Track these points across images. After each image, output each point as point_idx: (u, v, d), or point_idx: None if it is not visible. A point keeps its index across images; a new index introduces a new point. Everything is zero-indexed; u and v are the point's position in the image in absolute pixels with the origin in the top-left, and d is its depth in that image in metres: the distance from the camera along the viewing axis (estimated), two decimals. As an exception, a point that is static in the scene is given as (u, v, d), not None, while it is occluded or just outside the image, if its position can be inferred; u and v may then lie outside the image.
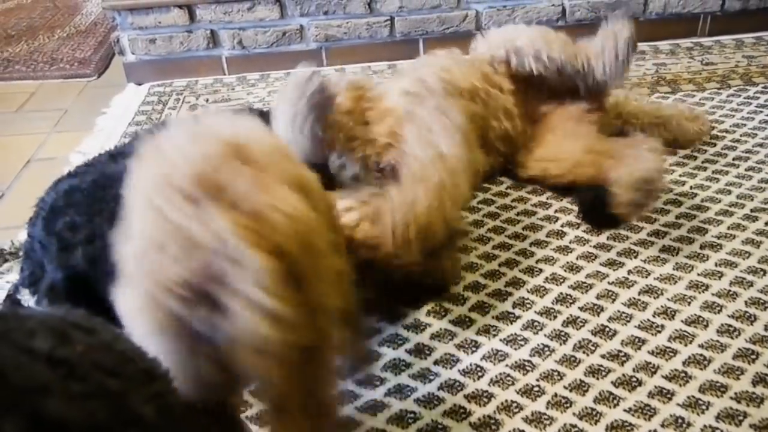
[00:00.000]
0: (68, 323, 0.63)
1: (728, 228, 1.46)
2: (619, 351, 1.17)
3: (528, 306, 1.28)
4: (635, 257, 1.39)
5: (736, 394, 1.07)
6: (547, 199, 1.60)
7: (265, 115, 1.50)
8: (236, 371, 0.69)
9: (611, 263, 1.38)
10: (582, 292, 1.30)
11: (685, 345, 1.17)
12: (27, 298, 1.19)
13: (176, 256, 0.65)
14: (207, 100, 2.25)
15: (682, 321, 1.22)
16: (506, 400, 1.09)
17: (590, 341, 1.19)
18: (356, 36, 2.41)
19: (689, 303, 1.26)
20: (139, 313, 0.69)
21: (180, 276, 0.65)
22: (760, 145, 1.76)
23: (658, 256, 1.39)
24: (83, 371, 0.57)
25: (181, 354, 0.71)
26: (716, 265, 1.35)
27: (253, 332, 0.64)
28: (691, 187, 1.60)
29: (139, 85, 2.43)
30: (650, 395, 1.08)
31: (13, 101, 2.43)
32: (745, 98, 2.02)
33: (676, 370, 1.12)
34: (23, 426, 0.48)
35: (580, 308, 1.27)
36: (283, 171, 0.73)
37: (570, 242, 1.45)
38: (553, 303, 1.28)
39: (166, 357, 0.69)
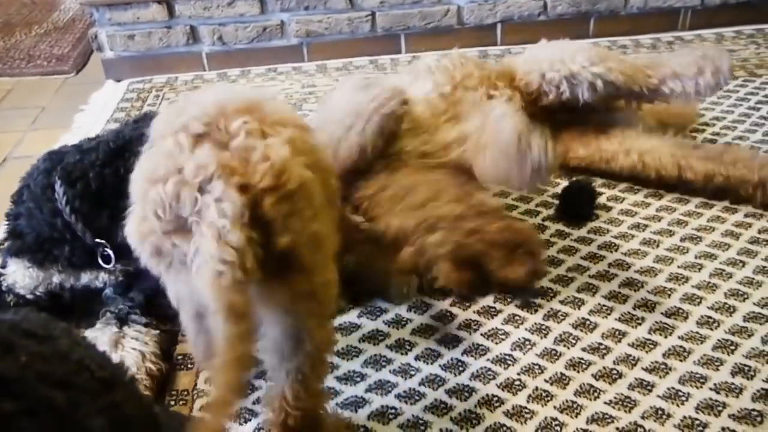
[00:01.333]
0: (20, 331, 0.60)
1: (708, 221, 1.46)
2: (600, 344, 1.17)
3: (509, 300, 1.28)
4: (616, 250, 1.39)
5: (715, 385, 1.08)
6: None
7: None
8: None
9: (592, 257, 1.38)
10: (563, 286, 1.30)
11: (665, 337, 1.17)
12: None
13: (166, 185, 0.73)
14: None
15: (661, 313, 1.23)
16: (487, 395, 1.09)
17: (571, 334, 1.19)
18: (337, 31, 2.40)
19: (669, 295, 1.27)
20: (139, 238, 0.77)
21: (165, 202, 0.72)
22: (740, 137, 1.77)
23: (639, 249, 1.39)
24: (23, 386, 0.54)
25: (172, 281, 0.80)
26: (696, 257, 1.36)
27: (211, 258, 0.69)
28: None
29: (118, 81, 2.40)
30: (630, 387, 1.08)
31: (-11, 99, 2.39)
32: (725, 91, 2.02)
33: (656, 361, 1.12)
34: None
35: (561, 302, 1.27)
36: (289, 132, 0.80)
37: (551, 236, 1.45)
38: (536, 296, 1.28)
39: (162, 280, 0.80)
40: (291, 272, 0.78)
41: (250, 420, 1.08)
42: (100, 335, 1.16)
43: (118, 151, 1.16)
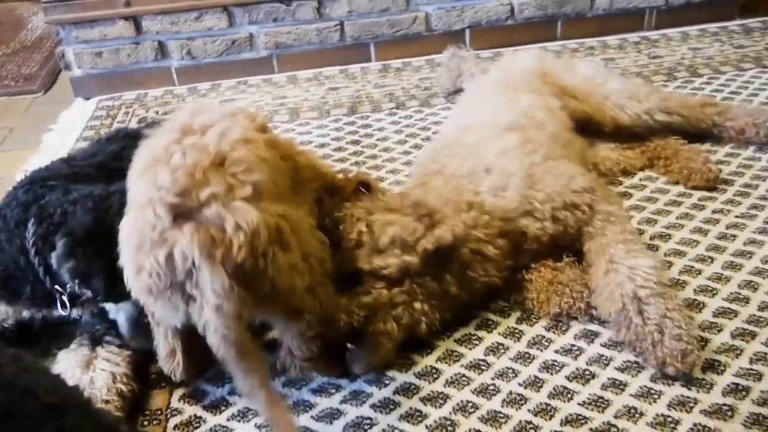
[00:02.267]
0: None
1: (677, 218, 1.48)
2: (572, 345, 1.18)
3: (484, 306, 1.28)
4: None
5: (687, 380, 1.09)
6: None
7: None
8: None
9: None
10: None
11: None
12: None
13: (157, 257, 0.87)
14: (157, 113, 2.22)
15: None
16: (462, 401, 1.09)
17: (544, 337, 1.20)
18: (306, 42, 2.40)
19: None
20: (138, 290, 0.92)
21: (159, 271, 0.87)
22: (706, 134, 1.79)
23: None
24: None
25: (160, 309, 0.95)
26: (666, 255, 1.37)
27: (208, 320, 0.87)
28: (640, 179, 1.62)
29: (87, 99, 2.38)
30: (603, 387, 1.09)
31: (-44, 121, 2.36)
32: (691, 89, 2.05)
33: (628, 361, 1.13)
34: None
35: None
36: (255, 176, 0.94)
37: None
38: (505, 302, 1.28)
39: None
40: (278, 293, 0.94)
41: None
42: (72, 356, 1.14)
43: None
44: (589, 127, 1.63)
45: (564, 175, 1.28)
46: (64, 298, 1.09)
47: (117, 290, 1.03)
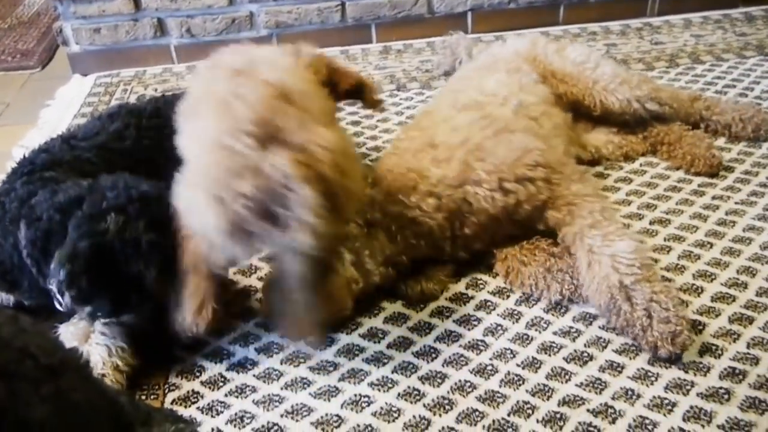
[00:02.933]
0: None
1: (677, 203, 1.48)
2: (571, 327, 1.18)
3: (481, 286, 1.28)
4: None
5: (684, 364, 1.09)
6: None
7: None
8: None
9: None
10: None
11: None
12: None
13: (246, 179, 0.89)
14: (156, 90, 2.20)
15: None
16: (460, 380, 1.09)
17: (542, 318, 1.20)
18: (307, 21, 2.38)
19: (639, 277, 1.28)
20: (204, 210, 0.92)
21: (249, 192, 0.89)
22: (707, 121, 1.79)
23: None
24: None
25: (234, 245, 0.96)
26: (665, 239, 1.37)
27: (300, 242, 0.92)
28: (641, 164, 1.62)
29: (85, 76, 2.36)
30: (601, 369, 1.09)
31: (-48, 96, 2.34)
32: (693, 76, 2.05)
33: (626, 344, 1.14)
34: None
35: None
36: (318, 109, 0.98)
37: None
38: (505, 282, 1.28)
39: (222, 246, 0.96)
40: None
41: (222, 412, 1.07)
42: (72, 329, 1.14)
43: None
44: (579, 112, 1.63)
45: (518, 149, 1.27)
46: (60, 297, 1.05)
47: (120, 310, 1.07)
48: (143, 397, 1.10)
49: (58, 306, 1.08)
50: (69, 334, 1.13)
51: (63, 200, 1.08)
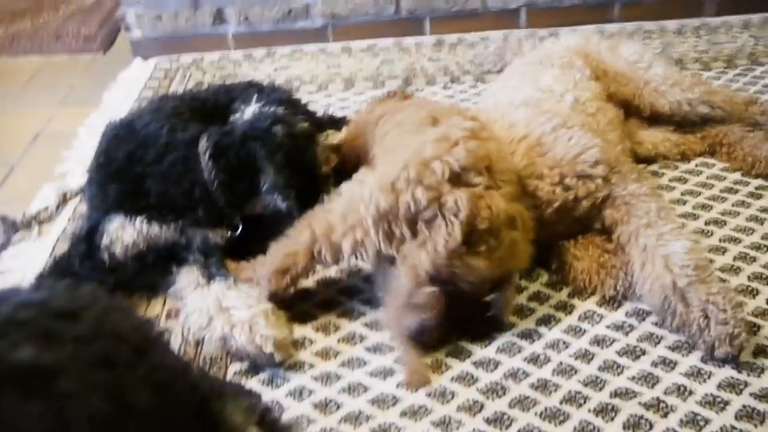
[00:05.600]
0: (52, 313, 0.60)
1: (733, 205, 1.47)
2: (624, 322, 1.19)
3: (534, 278, 1.30)
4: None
5: (738, 364, 1.09)
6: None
7: (262, 91, 1.52)
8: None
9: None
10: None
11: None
12: None
13: (425, 189, 1.09)
14: (213, 77, 2.26)
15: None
16: (513, 367, 1.11)
17: (595, 312, 1.21)
18: (362, 13, 2.41)
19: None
20: (376, 190, 1.11)
21: (418, 198, 1.08)
22: (765, 123, 1.77)
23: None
24: (74, 375, 0.55)
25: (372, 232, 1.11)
26: (720, 240, 1.37)
27: (421, 260, 1.07)
28: (696, 165, 1.61)
29: (146, 60, 2.43)
30: (653, 364, 1.10)
31: (19, 77, 2.43)
32: (751, 78, 2.02)
33: (679, 341, 1.14)
34: None
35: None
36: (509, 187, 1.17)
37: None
38: (557, 277, 1.30)
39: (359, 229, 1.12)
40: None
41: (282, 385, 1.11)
42: (199, 302, 1.21)
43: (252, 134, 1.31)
44: (628, 111, 1.62)
45: (578, 145, 1.28)
46: (282, 204, 1.30)
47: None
48: (206, 370, 1.15)
49: (230, 230, 1.31)
50: (198, 305, 1.20)
51: (239, 133, 1.30)
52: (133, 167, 1.28)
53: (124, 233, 1.26)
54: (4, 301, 0.58)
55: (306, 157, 1.33)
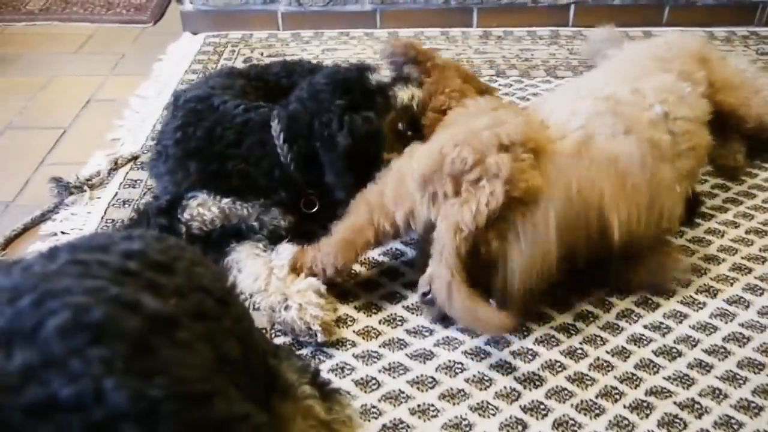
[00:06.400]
0: (150, 263, 0.62)
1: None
2: (661, 323, 1.21)
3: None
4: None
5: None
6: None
7: (314, 70, 1.55)
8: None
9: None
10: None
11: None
12: None
13: (470, 151, 1.13)
14: (261, 54, 2.29)
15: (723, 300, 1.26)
16: (550, 359, 1.14)
17: (633, 311, 1.24)
18: (412, 0, 2.42)
19: (732, 284, 1.30)
20: (424, 154, 1.18)
21: (463, 156, 1.13)
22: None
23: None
24: (186, 324, 0.58)
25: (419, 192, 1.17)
26: (760, 250, 1.38)
27: (463, 217, 1.11)
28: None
29: (195, 34, 2.47)
30: (689, 366, 1.13)
31: (72, 42, 2.48)
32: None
33: (715, 345, 1.16)
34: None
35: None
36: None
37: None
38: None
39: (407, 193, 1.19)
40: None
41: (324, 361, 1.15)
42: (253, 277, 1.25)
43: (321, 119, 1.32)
44: (729, 122, 1.56)
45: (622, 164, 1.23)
46: (314, 197, 1.36)
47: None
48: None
49: (305, 208, 1.36)
50: (257, 270, 1.24)
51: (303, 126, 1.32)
52: (213, 146, 1.31)
53: (205, 210, 1.29)
54: (107, 249, 0.61)
55: (369, 153, 1.32)
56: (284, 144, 1.31)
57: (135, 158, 1.72)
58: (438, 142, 1.18)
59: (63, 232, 1.49)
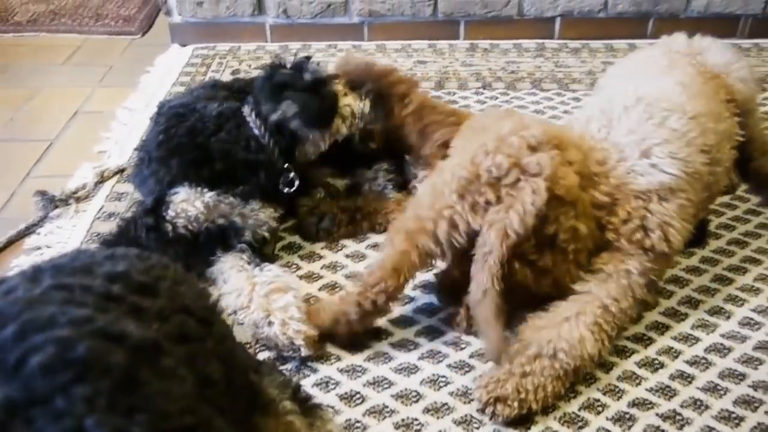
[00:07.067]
0: (134, 285, 0.62)
1: (755, 226, 1.50)
2: (644, 335, 1.22)
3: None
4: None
5: (754, 383, 1.13)
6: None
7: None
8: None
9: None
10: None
11: (707, 334, 1.22)
12: None
13: (504, 156, 1.13)
14: (249, 66, 2.30)
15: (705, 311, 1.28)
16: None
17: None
18: (399, 13, 2.44)
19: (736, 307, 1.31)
20: (458, 165, 1.16)
21: (498, 163, 1.12)
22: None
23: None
24: (168, 350, 0.57)
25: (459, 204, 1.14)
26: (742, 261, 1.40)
27: (510, 222, 1.08)
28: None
29: (183, 46, 2.48)
30: (671, 378, 1.14)
31: (60, 53, 2.49)
32: (788, 102, 2.04)
33: (696, 356, 1.18)
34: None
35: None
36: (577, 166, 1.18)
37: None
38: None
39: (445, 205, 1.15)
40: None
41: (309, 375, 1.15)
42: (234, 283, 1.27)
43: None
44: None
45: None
46: (293, 174, 1.41)
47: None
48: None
49: (286, 187, 1.42)
50: (240, 284, 1.25)
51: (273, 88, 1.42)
52: (194, 139, 1.34)
53: (189, 206, 1.30)
54: (91, 271, 0.61)
55: (326, 94, 1.44)
56: (256, 118, 1.38)
57: (122, 171, 1.72)
58: (469, 153, 1.17)
59: (48, 246, 1.49)
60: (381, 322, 1.25)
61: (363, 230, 1.48)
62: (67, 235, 1.51)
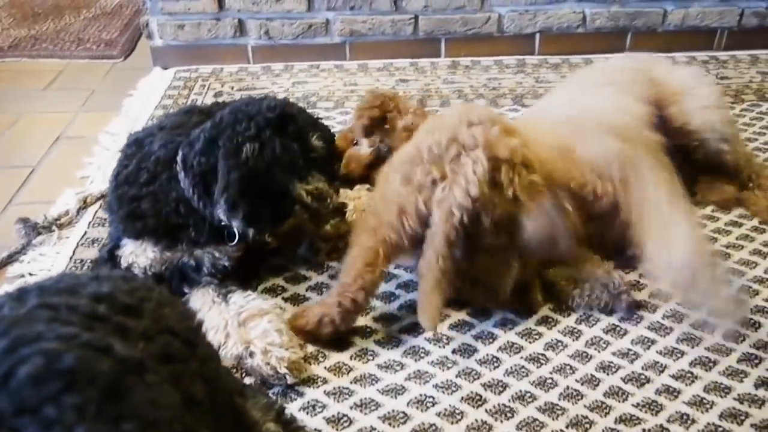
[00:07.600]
0: (119, 306, 0.62)
1: (737, 238, 1.51)
2: (629, 350, 1.23)
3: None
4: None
5: (739, 395, 1.13)
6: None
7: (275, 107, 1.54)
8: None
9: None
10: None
11: (692, 347, 1.23)
12: None
13: (442, 137, 1.19)
14: (232, 88, 2.30)
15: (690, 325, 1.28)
16: (521, 390, 1.15)
17: (601, 339, 1.25)
18: (380, 32, 2.46)
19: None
20: (400, 162, 1.24)
21: (437, 146, 1.18)
22: (771, 160, 1.81)
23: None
24: (152, 368, 0.58)
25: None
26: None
27: (455, 197, 1.13)
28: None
29: (165, 69, 2.48)
30: (657, 392, 1.14)
31: (41, 79, 2.48)
32: (757, 113, 2.07)
33: (682, 370, 1.18)
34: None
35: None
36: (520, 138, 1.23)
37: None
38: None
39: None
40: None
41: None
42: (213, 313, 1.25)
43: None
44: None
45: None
46: (234, 229, 1.28)
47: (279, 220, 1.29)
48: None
49: (228, 242, 1.30)
50: (216, 321, 1.22)
51: (202, 146, 1.26)
52: (130, 189, 1.30)
53: (136, 258, 1.28)
54: (76, 292, 0.61)
55: (273, 176, 1.25)
56: (182, 172, 1.26)
57: (104, 196, 1.71)
58: (410, 143, 1.24)
59: (31, 274, 1.47)
60: (368, 343, 1.25)
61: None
62: (51, 262, 1.50)
